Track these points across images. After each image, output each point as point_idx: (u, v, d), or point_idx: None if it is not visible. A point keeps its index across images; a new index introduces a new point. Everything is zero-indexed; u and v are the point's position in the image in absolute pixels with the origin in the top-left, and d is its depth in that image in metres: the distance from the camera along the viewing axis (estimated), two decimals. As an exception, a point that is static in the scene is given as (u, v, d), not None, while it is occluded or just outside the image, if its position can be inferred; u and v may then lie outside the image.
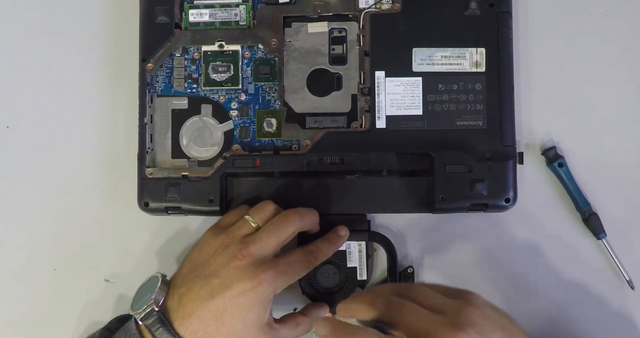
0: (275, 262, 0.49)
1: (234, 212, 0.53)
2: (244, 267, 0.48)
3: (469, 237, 0.57)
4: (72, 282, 0.58)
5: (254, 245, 0.49)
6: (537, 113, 0.58)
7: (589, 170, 0.57)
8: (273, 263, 0.49)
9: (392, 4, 0.55)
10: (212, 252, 0.50)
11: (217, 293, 0.48)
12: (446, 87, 0.54)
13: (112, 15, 0.60)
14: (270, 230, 0.50)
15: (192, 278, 0.49)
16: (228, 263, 0.48)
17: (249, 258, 0.48)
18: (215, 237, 0.51)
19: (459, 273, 0.57)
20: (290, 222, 0.50)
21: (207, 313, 0.48)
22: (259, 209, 0.52)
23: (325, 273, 0.54)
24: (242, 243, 0.49)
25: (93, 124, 0.59)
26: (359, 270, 0.55)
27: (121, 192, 0.58)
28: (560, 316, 0.57)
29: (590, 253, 0.57)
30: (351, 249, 0.55)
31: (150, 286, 0.50)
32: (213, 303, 0.48)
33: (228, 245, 0.49)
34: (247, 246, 0.49)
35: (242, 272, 0.48)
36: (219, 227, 0.52)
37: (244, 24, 0.56)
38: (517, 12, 0.57)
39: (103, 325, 0.53)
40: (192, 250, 0.52)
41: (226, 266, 0.48)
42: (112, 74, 0.59)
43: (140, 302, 0.49)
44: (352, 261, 0.55)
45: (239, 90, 0.55)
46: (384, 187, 0.55)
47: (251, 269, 0.48)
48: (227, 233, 0.50)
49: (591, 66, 0.58)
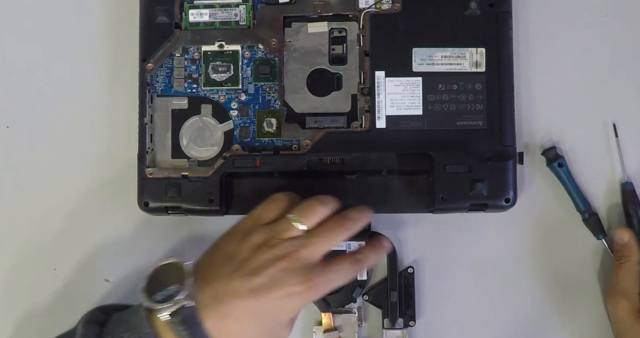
0: (325, 269, 0.47)
1: (272, 205, 0.49)
2: (293, 270, 0.45)
3: (469, 237, 0.57)
4: (72, 282, 0.58)
5: (305, 249, 0.46)
6: (537, 113, 0.58)
7: (589, 170, 0.57)
8: (322, 270, 0.46)
9: (392, 4, 0.55)
10: (254, 247, 0.46)
11: (260, 293, 0.45)
12: (446, 87, 0.54)
13: (112, 15, 0.60)
14: (323, 236, 0.47)
15: (229, 273, 0.45)
16: (275, 264, 0.45)
17: (299, 263, 0.46)
18: (257, 233, 0.47)
19: (459, 273, 0.57)
20: (345, 230, 0.48)
21: (246, 314, 0.45)
22: (306, 211, 0.48)
23: None
24: (293, 246, 0.46)
25: (93, 124, 0.59)
26: None
27: (121, 192, 0.58)
28: (560, 316, 0.57)
29: (590, 253, 0.57)
30: (351, 249, 0.55)
31: (173, 274, 0.45)
32: (255, 304, 0.45)
33: (275, 245, 0.46)
34: (297, 250, 0.46)
35: (290, 275, 0.45)
36: (258, 221, 0.48)
37: (244, 24, 0.56)
38: (517, 12, 0.57)
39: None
40: (224, 241, 0.48)
41: (272, 266, 0.45)
42: (112, 74, 0.59)
43: (163, 294, 0.44)
44: None
45: (239, 90, 0.55)
46: (384, 187, 0.55)
47: (300, 273, 0.45)
48: (272, 232, 0.47)
49: (591, 66, 0.58)
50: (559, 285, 0.57)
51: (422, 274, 0.57)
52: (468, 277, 0.57)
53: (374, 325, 0.56)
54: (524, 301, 0.57)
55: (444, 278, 0.57)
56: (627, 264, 0.54)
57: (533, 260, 0.57)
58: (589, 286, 0.57)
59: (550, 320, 0.57)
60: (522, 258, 0.57)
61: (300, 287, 0.45)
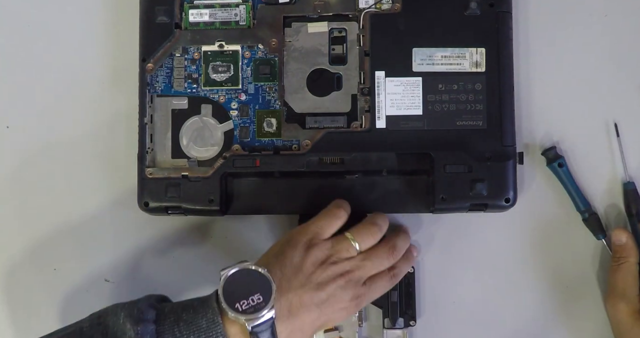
0: (370, 286, 0.51)
1: (334, 222, 0.52)
2: (347, 288, 0.49)
3: (469, 237, 0.57)
4: (72, 282, 0.58)
5: (359, 271, 0.50)
6: (537, 113, 0.58)
7: (589, 170, 0.57)
8: (369, 287, 0.51)
9: (392, 4, 0.55)
10: (317, 263, 0.49)
11: (324, 308, 0.48)
12: (446, 87, 0.54)
13: (112, 15, 0.60)
14: (374, 261, 0.51)
15: (301, 286, 0.48)
16: (335, 281, 0.49)
17: (352, 281, 0.50)
18: (320, 249, 0.50)
19: (459, 273, 0.57)
20: (393, 259, 0.52)
21: (310, 325, 0.48)
22: (364, 234, 0.52)
23: None
24: (349, 266, 0.50)
25: (93, 124, 0.59)
26: None
27: (121, 192, 0.58)
28: (560, 315, 0.57)
29: (590, 253, 0.57)
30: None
31: (254, 281, 0.45)
32: (320, 318, 0.48)
33: (335, 263, 0.50)
34: (353, 270, 0.50)
35: (345, 292, 0.49)
36: (319, 235, 0.51)
37: (244, 24, 0.56)
38: (517, 12, 0.57)
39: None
40: (289, 250, 0.49)
41: (333, 282, 0.49)
42: (112, 74, 0.59)
43: (248, 304, 0.44)
44: None
45: (239, 90, 0.55)
46: (384, 187, 0.55)
47: (352, 290, 0.49)
48: (333, 250, 0.50)
49: (591, 66, 0.58)
50: (559, 285, 0.57)
51: (423, 274, 0.57)
52: (468, 277, 0.57)
53: (375, 324, 0.57)
54: (524, 301, 0.57)
55: (444, 278, 0.57)
56: (625, 265, 0.54)
57: (533, 260, 0.57)
58: (589, 286, 0.57)
59: (550, 319, 0.57)
60: (522, 258, 0.57)
61: (351, 303, 0.50)
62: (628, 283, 0.54)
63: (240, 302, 0.44)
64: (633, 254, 0.54)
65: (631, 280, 0.54)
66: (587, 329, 0.56)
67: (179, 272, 0.58)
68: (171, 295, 0.53)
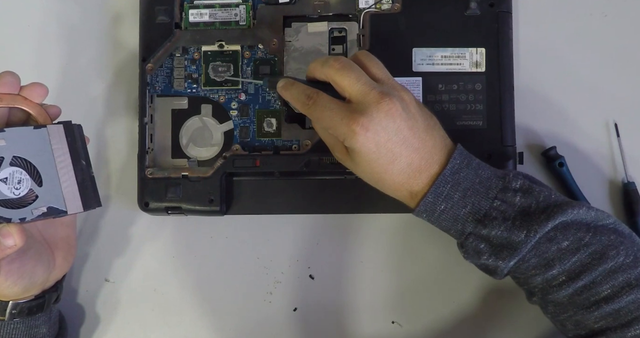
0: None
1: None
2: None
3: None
4: (72, 282, 0.58)
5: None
6: (537, 113, 0.58)
7: (589, 170, 0.57)
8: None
9: (392, 4, 0.55)
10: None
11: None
12: (446, 87, 0.54)
13: (112, 15, 0.60)
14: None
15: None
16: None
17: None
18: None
19: (459, 273, 0.57)
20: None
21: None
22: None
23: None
24: None
25: (93, 123, 0.59)
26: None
27: (121, 192, 0.58)
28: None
29: (590, 253, 0.57)
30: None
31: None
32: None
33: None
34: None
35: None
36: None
37: (244, 24, 0.56)
38: (517, 12, 0.57)
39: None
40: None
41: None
42: (112, 74, 0.59)
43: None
44: None
45: (239, 90, 0.55)
46: (384, 187, 0.55)
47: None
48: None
49: (591, 66, 0.58)
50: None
51: (423, 274, 0.57)
52: (468, 277, 0.57)
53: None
54: (524, 300, 0.57)
55: (443, 278, 0.57)
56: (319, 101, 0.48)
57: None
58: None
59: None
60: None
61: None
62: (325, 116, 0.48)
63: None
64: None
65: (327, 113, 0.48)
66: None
67: (179, 272, 0.58)
68: (171, 294, 0.53)
